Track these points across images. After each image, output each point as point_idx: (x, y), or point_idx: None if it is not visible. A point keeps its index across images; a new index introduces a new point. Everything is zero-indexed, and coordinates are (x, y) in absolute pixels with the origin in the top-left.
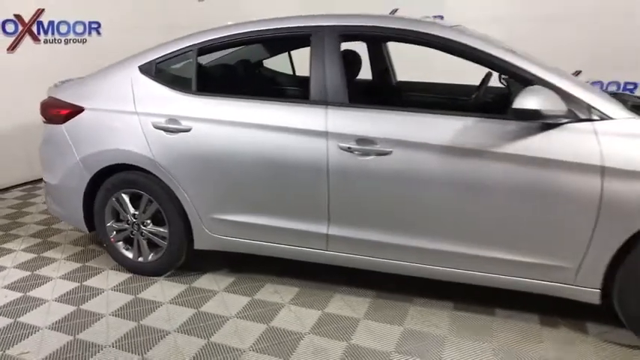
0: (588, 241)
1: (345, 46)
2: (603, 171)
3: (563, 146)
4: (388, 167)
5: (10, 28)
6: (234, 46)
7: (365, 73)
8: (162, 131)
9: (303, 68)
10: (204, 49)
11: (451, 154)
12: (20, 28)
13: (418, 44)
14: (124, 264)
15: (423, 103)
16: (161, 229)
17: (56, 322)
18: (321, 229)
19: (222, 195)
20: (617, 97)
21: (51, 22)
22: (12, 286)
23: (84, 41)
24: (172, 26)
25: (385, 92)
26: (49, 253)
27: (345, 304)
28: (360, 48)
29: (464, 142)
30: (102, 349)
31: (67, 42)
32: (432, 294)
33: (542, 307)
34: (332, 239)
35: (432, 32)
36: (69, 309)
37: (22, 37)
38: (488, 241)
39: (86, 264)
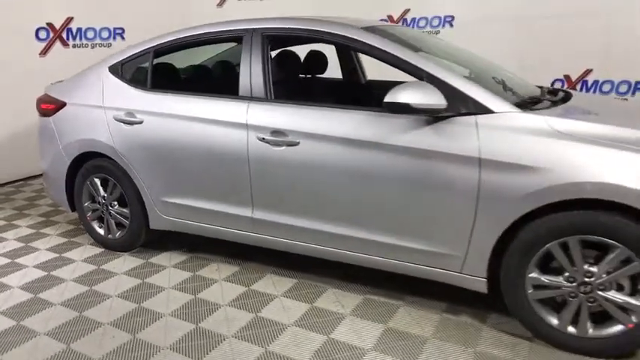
0: (470, 230)
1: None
2: (480, 163)
3: (447, 138)
4: (296, 157)
5: (42, 34)
6: (183, 48)
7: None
8: (121, 123)
9: None
10: (159, 50)
11: (349, 146)
12: (51, 34)
13: (329, 44)
14: (97, 240)
15: None
16: (125, 210)
17: (26, 283)
18: (247, 212)
19: (169, 180)
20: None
21: (79, 29)
22: (5, 254)
23: (109, 45)
24: None
25: (354, 90)
26: (46, 230)
27: (271, 283)
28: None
29: (361, 135)
30: (52, 306)
31: (93, 46)
32: (353, 279)
33: (453, 296)
34: (256, 222)
35: (339, 32)
36: (41, 274)
37: (53, 43)
38: (384, 228)
39: (72, 239)
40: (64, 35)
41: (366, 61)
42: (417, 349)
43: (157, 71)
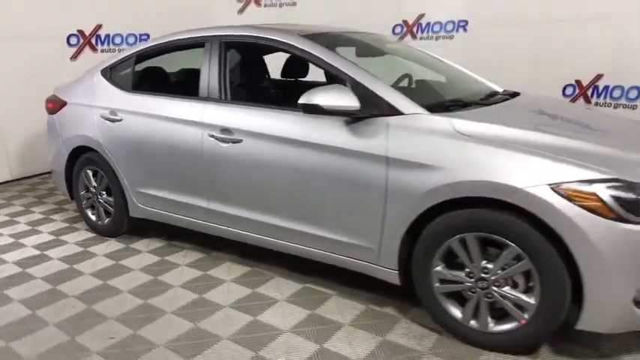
0: (381, 224)
1: None
2: (388, 161)
3: (361, 138)
4: (239, 153)
5: (73, 40)
6: (160, 54)
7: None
8: (106, 121)
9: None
10: (141, 55)
11: (283, 144)
12: (81, 40)
13: (274, 50)
14: (90, 226)
15: None
16: (111, 199)
17: (21, 259)
18: (204, 203)
19: (142, 172)
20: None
21: (107, 35)
22: (12, 235)
23: None
24: None
25: None
26: (55, 216)
27: (226, 270)
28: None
29: (292, 133)
30: (34, 279)
31: (120, 51)
32: (300, 269)
33: (385, 289)
34: (211, 213)
35: (277, 38)
36: (35, 252)
37: (82, 48)
38: (312, 220)
39: (73, 225)
40: (93, 41)
41: None
42: (328, 333)
43: (137, 74)
